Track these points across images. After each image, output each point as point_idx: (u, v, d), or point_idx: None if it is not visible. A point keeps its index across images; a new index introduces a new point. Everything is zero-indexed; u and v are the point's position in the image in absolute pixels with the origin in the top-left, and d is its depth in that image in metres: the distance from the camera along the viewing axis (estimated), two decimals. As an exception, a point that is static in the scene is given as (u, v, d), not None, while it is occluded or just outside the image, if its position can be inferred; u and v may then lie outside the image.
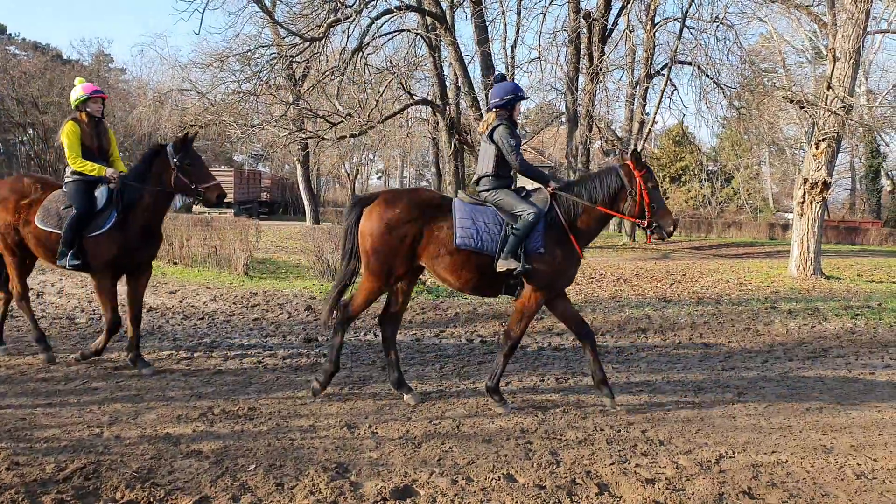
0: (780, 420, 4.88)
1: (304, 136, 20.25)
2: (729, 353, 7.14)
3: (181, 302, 8.74)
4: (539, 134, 35.62)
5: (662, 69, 24.44)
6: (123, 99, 44.77)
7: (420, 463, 3.82)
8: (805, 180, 12.65)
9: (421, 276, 10.18)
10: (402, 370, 5.88)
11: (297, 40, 16.75)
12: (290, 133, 20.39)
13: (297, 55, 17.56)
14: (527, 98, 5.74)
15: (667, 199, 38.54)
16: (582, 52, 19.16)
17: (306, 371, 5.83)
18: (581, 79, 19.66)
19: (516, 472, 3.76)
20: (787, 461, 3.98)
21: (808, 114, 14.81)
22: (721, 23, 19.75)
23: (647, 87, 23.94)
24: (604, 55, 18.72)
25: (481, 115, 18.69)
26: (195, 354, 6.23)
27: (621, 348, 7.19)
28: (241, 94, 21.59)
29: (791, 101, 16.03)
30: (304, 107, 20.23)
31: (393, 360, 5.21)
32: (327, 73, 18.05)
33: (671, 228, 5.03)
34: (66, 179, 5.58)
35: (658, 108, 23.83)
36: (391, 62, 19.99)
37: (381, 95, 18.10)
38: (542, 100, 27.10)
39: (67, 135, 5.56)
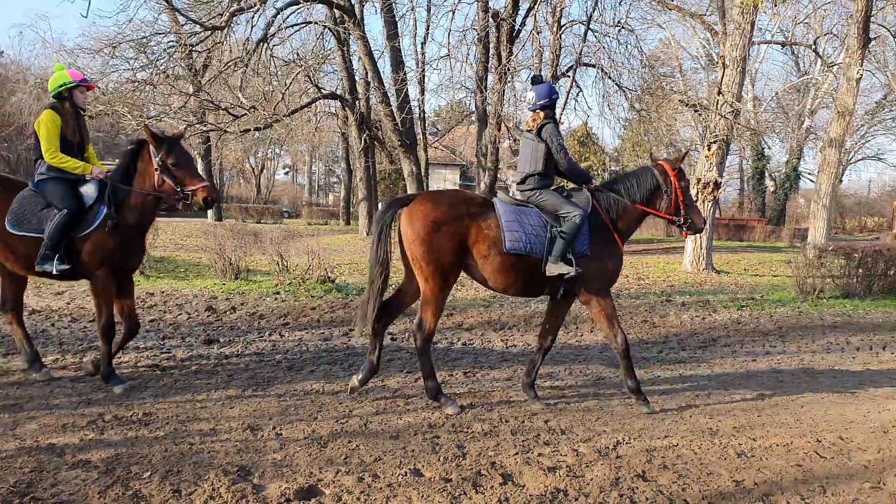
0: (672, 406, 5.16)
1: (205, 128, 19.44)
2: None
3: (69, 304, 8.19)
4: (450, 132, 35.92)
5: (568, 71, 25.22)
6: (1, 85, 41.38)
7: (326, 462, 3.76)
8: (698, 180, 13.42)
9: (329, 275, 10.07)
10: (311, 370, 5.79)
11: (198, 28, 16.07)
12: (189, 125, 19.53)
13: (197, 44, 16.84)
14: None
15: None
16: (491, 52, 19.48)
17: (207, 374, 5.61)
18: (490, 78, 19.98)
19: (423, 466, 3.78)
20: (677, 444, 4.22)
21: (701, 117, 15.73)
22: (623, 27, 20.59)
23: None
24: (511, 55, 19.10)
25: (391, 111, 18.64)
26: (84, 359, 5.85)
27: (528, 342, 7.37)
28: (136, 84, 20.47)
29: (686, 105, 16.98)
30: (205, 98, 19.45)
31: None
32: (230, 63, 17.42)
33: (702, 225, 5.31)
34: (41, 177, 4.99)
35: (564, 108, 24.54)
36: (298, 55, 19.57)
37: (288, 88, 17.68)
38: (453, 98, 27.31)
39: (46, 125, 4.94)
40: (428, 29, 23.37)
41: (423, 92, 23.42)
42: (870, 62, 31.37)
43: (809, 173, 37.05)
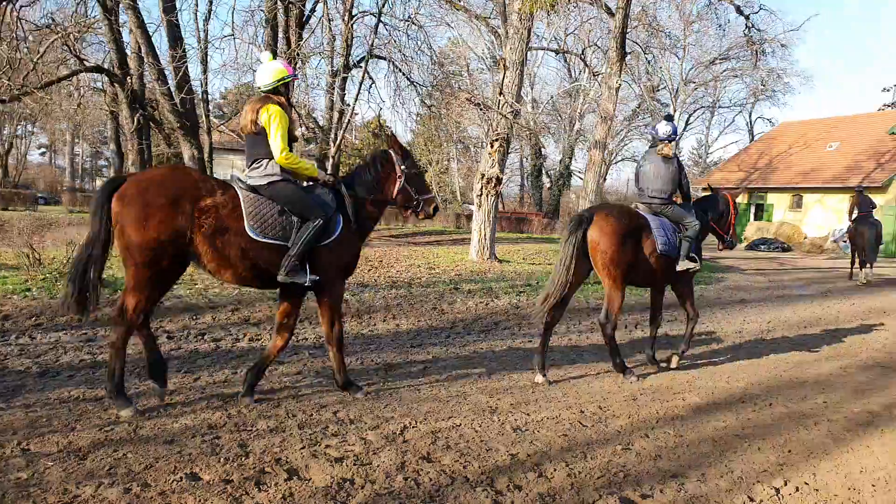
0: (457, 388, 5.41)
1: (-66, 97, 16.32)
2: (417, 332, 7.70)
3: None
4: (237, 116, 34.19)
5: (360, 62, 25.31)
6: None
7: (85, 476, 3.35)
8: (482, 175, 14.24)
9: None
10: (69, 375, 5.16)
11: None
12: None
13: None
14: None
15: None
16: (280, 35, 18.81)
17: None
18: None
19: (201, 469, 3.53)
20: (460, 424, 4.42)
21: (485, 116, 16.69)
22: (413, 23, 21.13)
23: (346, 78, 24.53)
24: (301, 40, 18.63)
25: (169, 90, 17.18)
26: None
27: (319, 335, 7.25)
28: None
29: (473, 103, 17.91)
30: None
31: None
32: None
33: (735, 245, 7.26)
34: (270, 178, 4.52)
35: (357, 99, 24.60)
36: (53, 19, 17.19)
37: (41, 57, 15.43)
38: (239, 81, 25.98)
39: (280, 122, 4.52)
40: (211, 5, 21.90)
41: (205, 72, 21.90)
42: (627, 74, 35.81)
43: (579, 172, 41.33)
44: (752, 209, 34.24)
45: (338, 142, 26.10)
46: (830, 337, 8.68)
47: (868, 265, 14.92)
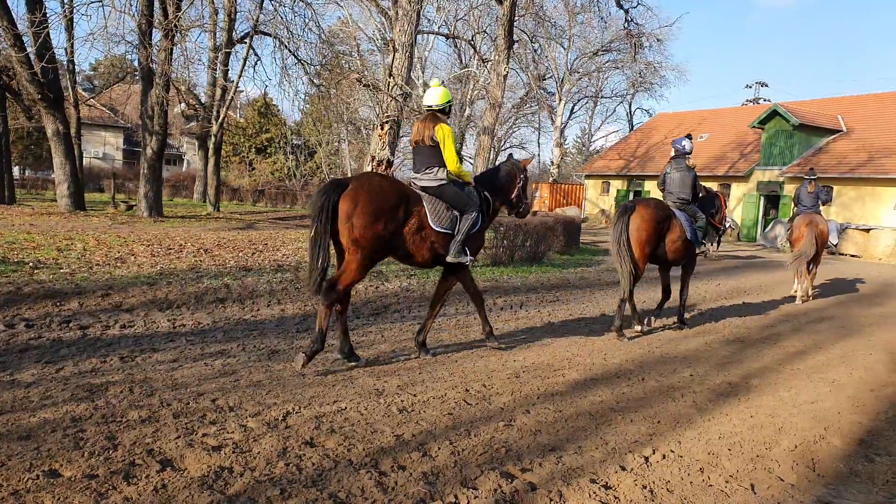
0: (343, 373, 5.34)
1: None
2: (304, 316, 7.53)
3: None
4: (110, 90, 31.78)
5: (244, 38, 24.24)
6: None
7: (-80, 481, 3.01)
8: (373, 157, 14.09)
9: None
10: None
11: None
12: None
13: None
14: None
15: (253, 169, 38.75)
16: (157, 5, 17.62)
17: None
18: (157, 34, 18.10)
19: (61, 465, 3.27)
20: (346, 408, 4.38)
21: (376, 97, 16.51)
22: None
23: (230, 54, 23.46)
24: (180, 11, 17.55)
25: (28, 58, 15.70)
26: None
27: (199, 321, 6.92)
28: None
29: (363, 84, 17.63)
30: None
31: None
32: None
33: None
34: (440, 182, 5.70)
35: (241, 76, 23.60)
36: None
37: None
38: (109, 52, 24.19)
39: (451, 138, 5.75)
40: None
41: (70, 39, 20.16)
42: (515, 62, 36.56)
43: (470, 157, 41.90)
44: (631, 196, 36.25)
45: (220, 119, 24.93)
46: (697, 315, 9.38)
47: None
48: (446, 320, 7.82)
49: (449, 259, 5.72)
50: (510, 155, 6.88)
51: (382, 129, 14.07)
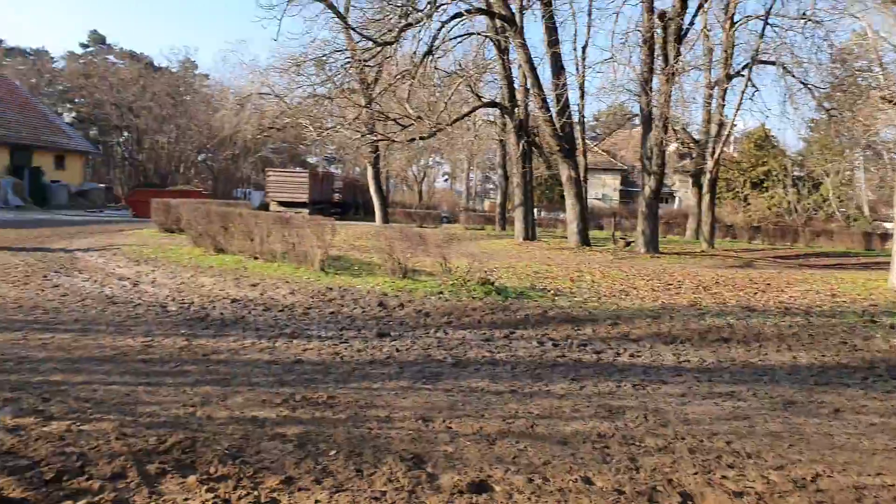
0: (883, 441, 4.55)
1: (375, 138, 20.59)
2: (822, 368, 6.75)
3: (262, 294, 9.02)
4: (610, 136, 35.01)
5: (743, 69, 23.51)
6: (207, 103, 46.96)
7: (495, 459, 3.76)
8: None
9: (489, 277, 10.18)
10: (475, 368, 5.88)
11: (370, 44, 17.05)
12: (362, 136, 20.77)
13: (369, 59, 17.88)
14: None
15: (747, 205, 37.04)
16: (656, 53, 18.65)
17: (380, 364, 5.89)
18: (655, 80, 19.16)
19: (594, 475, 3.65)
20: (893, 485, 3.70)
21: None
22: (809, 20, 18.84)
23: (726, 89, 23.10)
24: (679, 55, 18.15)
25: (551, 117, 18.53)
26: (276, 344, 6.40)
27: (703, 358, 6.91)
28: (317, 98, 22.18)
29: (890, 102, 15.10)
30: (375, 110, 20.58)
31: None
32: (398, 76, 18.29)
33: None
34: None
35: (738, 109, 22.95)
36: (460, 65, 20.10)
37: (450, 98, 18.18)
38: (614, 102, 26.60)
39: None
40: (589, 33, 23.01)
41: (582, 96, 23.03)
42: None
43: None
44: None
45: (716, 155, 24.70)
46: None
47: None
48: None
49: None
50: None
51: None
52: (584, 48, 21.88)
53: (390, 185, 50.25)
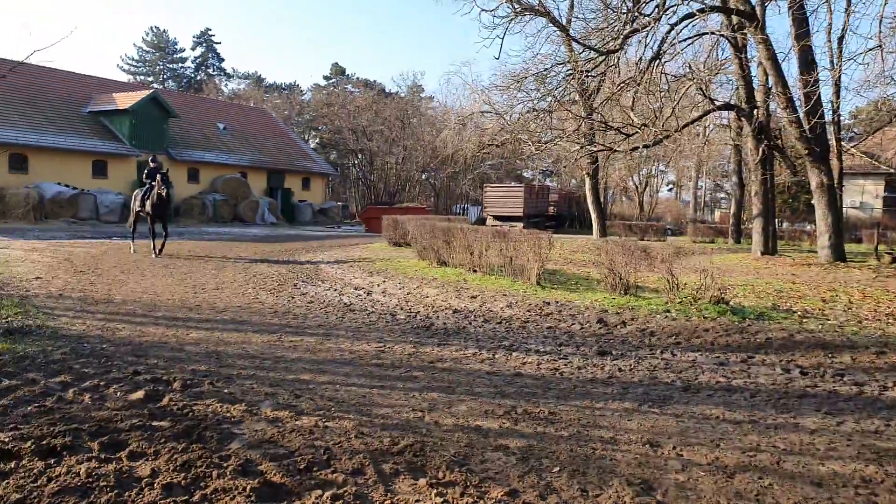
0: None
1: (594, 149, 20.24)
2: None
3: (481, 306, 9.31)
4: (873, 135, 30.48)
5: None
6: (431, 124, 50.26)
7: (734, 495, 3.43)
8: None
9: (723, 296, 9.37)
10: (708, 394, 5.48)
11: (592, 55, 16.81)
12: (581, 147, 20.56)
13: (591, 70, 17.63)
14: None
15: None
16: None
17: (601, 383, 5.72)
18: (936, 66, 16.22)
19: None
20: None
21: None
22: None
23: None
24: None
25: (798, 118, 16.67)
26: (496, 355, 6.55)
27: None
28: (536, 113, 22.47)
29: None
30: (596, 120, 20.25)
31: None
32: (622, 84, 17.78)
33: None
34: None
35: None
36: (690, 67, 18.90)
37: (678, 104, 17.18)
38: (879, 96, 23.10)
39: None
40: (847, 20, 20.22)
41: (837, 92, 20.32)
42: None
43: None
44: None
45: None
46: None
47: None
48: None
49: None
50: None
51: None
52: (840, 38, 19.27)
53: (609, 197, 49.06)
